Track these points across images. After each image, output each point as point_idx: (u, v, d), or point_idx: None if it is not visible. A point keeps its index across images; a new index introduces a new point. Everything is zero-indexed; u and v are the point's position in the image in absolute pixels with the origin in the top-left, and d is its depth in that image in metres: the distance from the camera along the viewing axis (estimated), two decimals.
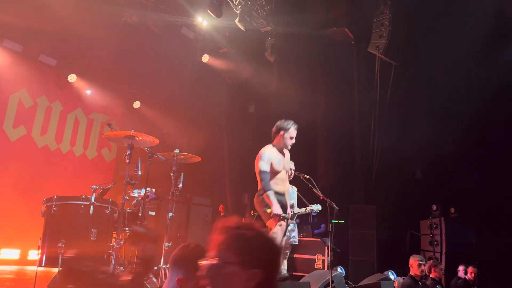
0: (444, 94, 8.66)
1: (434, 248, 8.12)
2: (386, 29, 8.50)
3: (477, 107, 8.19)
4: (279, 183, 4.91)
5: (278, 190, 4.85)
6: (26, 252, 9.08)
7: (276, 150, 5.08)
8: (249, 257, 1.47)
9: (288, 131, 5.10)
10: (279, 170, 4.90)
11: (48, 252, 4.19)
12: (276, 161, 4.90)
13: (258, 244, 1.53)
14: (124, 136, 4.38)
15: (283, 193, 4.95)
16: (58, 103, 10.22)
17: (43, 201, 4.41)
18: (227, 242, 1.51)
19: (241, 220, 1.56)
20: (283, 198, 4.94)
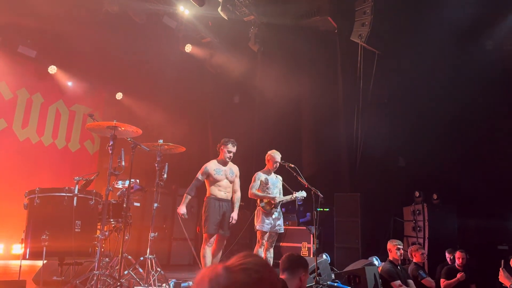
0: (427, 82, 8.78)
1: (417, 234, 8.29)
2: (368, 17, 8.53)
3: (459, 94, 8.32)
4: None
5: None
6: (10, 246, 8.96)
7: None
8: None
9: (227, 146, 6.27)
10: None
11: (32, 245, 4.13)
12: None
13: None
14: (106, 127, 4.32)
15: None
16: (38, 95, 10.03)
17: (26, 194, 4.34)
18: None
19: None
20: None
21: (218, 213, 5.60)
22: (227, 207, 5.77)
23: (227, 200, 5.81)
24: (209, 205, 5.63)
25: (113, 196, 4.73)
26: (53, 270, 4.74)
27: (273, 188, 5.98)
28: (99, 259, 4.10)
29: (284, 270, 2.93)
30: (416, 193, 8.55)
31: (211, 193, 5.75)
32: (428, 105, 8.74)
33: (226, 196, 5.82)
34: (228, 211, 5.77)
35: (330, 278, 6.24)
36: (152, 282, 4.47)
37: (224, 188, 5.83)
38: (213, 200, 5.67)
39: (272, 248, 5.91)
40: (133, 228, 5.24)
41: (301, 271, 2.89)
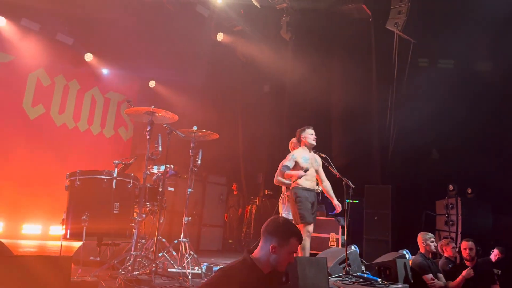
0: (464, 72, 8.51)
1: (449, 228, 8.11)
2: (405, 5, 8.30)
3: (497, 85, 8.03)
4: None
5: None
6: (48, 227, 9.34)
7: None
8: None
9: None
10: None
11: (72, 225, 4.29)
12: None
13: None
14: (144, 112, 4.42)
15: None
16: (75, 82, 10.32)
17: (67, 176, 4.49)
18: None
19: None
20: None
21: (309, 201, 5.25)
22: (314, 197, 5.43)
23: (313, 190, 5.44)
24: (300, 195, 5.23)
25: (149, 180, 4.84)
26: (90, 250, 4.90)
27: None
28: (136, 241, 4.22)
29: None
30: (450, 186, 8.35)
31: (297, 183, 5.31)
32: (464, 96, 8.47)
33: (312, 186, 5.42)
34: (315, 201, 5.44)
35: (360, 269, 6.21)
36: (185, 265, 4.56)
37: (311, 177, 5.41)
38: (301, 190, 5.27)
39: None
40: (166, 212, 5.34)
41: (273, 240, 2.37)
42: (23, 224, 9.02)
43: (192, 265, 4.72)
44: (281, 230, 2.39)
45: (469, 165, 8.36)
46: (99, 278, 3.87)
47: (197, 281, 4.47)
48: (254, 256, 2.39)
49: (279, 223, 2.44)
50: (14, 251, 3.31)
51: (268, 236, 2.39)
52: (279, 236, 2.36)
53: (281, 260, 2.36)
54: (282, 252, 2.35)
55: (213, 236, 10.18)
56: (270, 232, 2.40)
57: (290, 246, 2.36)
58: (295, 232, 2.41)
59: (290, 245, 2.36)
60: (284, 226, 2.42)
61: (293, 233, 2.39)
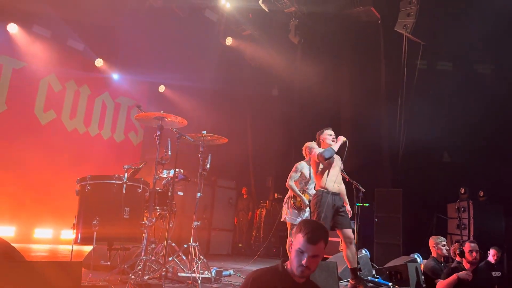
0: (474, 74, 8.44)
1: (461, 231, 8.02)
2: (414, 7, 8.27)
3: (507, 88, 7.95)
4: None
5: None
6: (59, 231, 9.42)
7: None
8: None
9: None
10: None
11: (83, 230, 4.33)
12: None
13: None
14: (154, 117, 4.45)
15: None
16: (86, 87, 10.43)
17: (77, 180, 4.54)
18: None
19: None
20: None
21: (330, 207, 4.97)
22: (339, 201, 5.12)
23: (338, 194, 5.15)
24: (322, 199, 4.97)
25: (158, 185, 4.86)
26: (101, 255, 4.93)
27: (311, 182, 5.81)
28: (146, 245, 4.24)
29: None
30: (462, 189, 8.26)
31: (322, 186, 5.09)
32: (475, 97, 8.39)
33: (338, 190, 5.17)
34: (339, 206, 5.11)
35: (371, 273, 6.17)
36: (195, 269, 4.57)
37: (336, 178, 5.19)
38: (325, 194, 5.02)
39: None
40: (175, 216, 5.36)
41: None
42: (34, 229, 9.10)
43: (202, 269, 4.72)
44: (296, 226, 2.23)
45: (481, 168, 8.28)
46: (109, 283, 3.89)
47: (207, 285, 4.47)
48: (288, 265, 2.20)
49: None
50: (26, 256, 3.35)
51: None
52: (293, 231, 2.21)
53: (292, 258, 2.15)
54: (292, 249, 2.16)
55: (222, 240, 10.18)
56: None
57: (296, 241, 2.14)
58: (305, 226, 2.16)
59: (296, 239, 2.15)
60: (300, 222, 2.25)
61: (302, 227, 2.16)
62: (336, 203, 4.98)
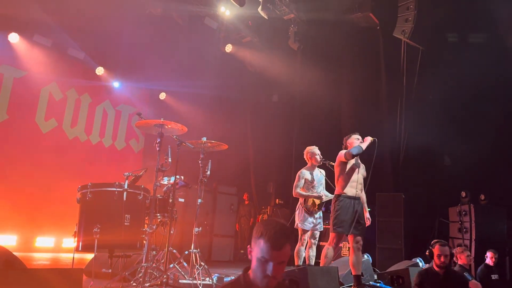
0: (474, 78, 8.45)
1: (463, 235, 8.00)
2: (411, 13, 8.34)
3: (505, 91, 7.97)
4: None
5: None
6: (61, 240, 9.42)
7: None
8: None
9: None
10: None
11: (84, 238, 4.34)
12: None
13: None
14: (154, 125, 4.48)
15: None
16: (86, 95, 10.49)
17: (78, 188, 4.56)
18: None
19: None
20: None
21: (350, 211, 4.97)
22: (358, 205, 5.12)
23: (358, 198, 5.16)
24: (340, 204, 5.01)
25: (159, 191, 4.88)
26: (102, 262, 4.93)
27: (318, 185, 5.85)
28: (147, 252, 4.25)
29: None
30: (463, 193, 8.25)
31: (341, 190, 5.10)
32: (475, 101, 8.40)
33: (357, 194, 5.16)
34: (358, 210, 5.11)
35: (373, 278, 6.16)
36: (196, 276, 4.57)
37: (356, 184, 5.19)
38: (343, 198, 5.06)
39: (315, 246, 5.85)
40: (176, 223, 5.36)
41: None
42: (36, 237, 9.11)
43: (203, 276, 4.72)
44: (255, 229, 1.87)
45: (482, 171, 8.26)
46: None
47: None
48: (250, 275, 1.89)
49: (260, 222, 1.94)
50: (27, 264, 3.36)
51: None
52: (252, 236, 1.87)
53: (254, 267, 1.83)
54: (253, 256, 1.83)
55: (224, 247, 10.17)
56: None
57: (258, 247, 1.80)
58: (266, 230, 1.81)
59: (258, 246, 1.80)
60: (260, 224, 1.87)
61: (263, 231, 1.81)
62: (357, 208, 4.97)
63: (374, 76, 9.56)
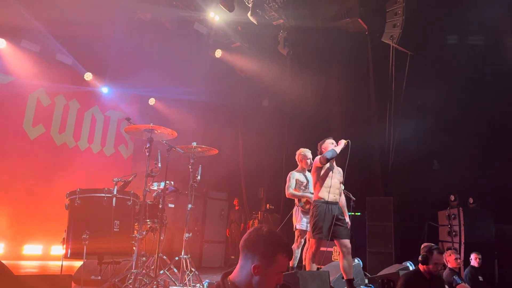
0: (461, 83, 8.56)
1: (452, 238, 8.06)
2: (399, 18, 8.44)
3: (494, 95, 8.08)
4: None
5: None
6: (49, 247, 9.28)
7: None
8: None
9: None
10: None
11: (73, 244, 4.28)
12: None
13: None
14: (143, 130, 4.45)
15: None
16: (75, 101, 10.39)
17: (67, 194, 4.50)
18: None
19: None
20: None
21: (328, 216, 4.97)
22: (338, 210, 5.14)
23: (336, 203, 5.19)
24: (318, 209, 5.03)
25: (149, 197, 4.84)
26: (91, 269, 4.87)
27: (310, 185, 5.86)
28: (137, 259, 4.20)
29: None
30: (452, 197, 8.32)
31: (319, 196, 5.12)
32: (464, 105, 8.51)
33: (335, 199, 5.20)
34: (338, 214, 5.10)
35: (364, 282, 6.16)
36: (186, 282, 4.53)
37: (334, 189, 5.21)
38: (321, 203, 5.06)
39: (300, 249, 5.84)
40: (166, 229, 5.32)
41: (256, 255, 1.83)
42: (24, 245, 8.96)
43: (194, 282, 4.68)
44: (264, 244, 1.81)
45: (470, 175, 8.35)
46: None
47: None
48: (232, 280, 1.85)
49: (262, 235, 1.84)
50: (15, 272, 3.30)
51: (249, 254, 1.83)
52: (261, 252, 1.80)
53: (267, 283, 1.80)
54: (267, 273, 1.79)
55: (215, 253, 10.11)
56: (252, 248, 1.83)
57: (277, 264, 1.79)
58: (282, 245, 1.82)
59: (277, 263, 1.79)
60: (268, 238, 1.82)
61: (280, 247, 1.81)
62: (334, 212, 4.96)
63: (363, 81, 9.64)
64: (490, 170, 8.25)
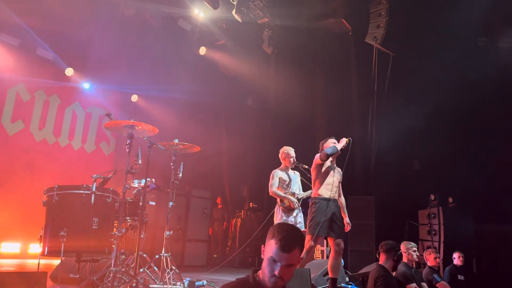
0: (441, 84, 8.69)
1: (432, 237, 8.19)
2: (383, 19, 8.51)
3: (473, 97, 8.22)
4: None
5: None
6: (27, 245, 9.10)
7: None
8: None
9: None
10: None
11: (50, 242, 4.19)
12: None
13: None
14: (123, 126, 4.39)
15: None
16: (55, 97, 10.21)
17: (44, 191, 4.41)
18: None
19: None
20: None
21: (325, 213, 4.99)
22: (335, 208, 5.17)
23: (335, 200, 5.23)
24: (316, 206, 5.05)
25: (129, 194, 4.78)
26: (70, 268, 4.79)
27: (293, 184, 5.88)
28: (116, 257, 4.15)
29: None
30: (432, 196, 8.46)
31: (318, 193, 5.15)
32: (445, 107, 8.64)
33: (333, 197, 5.22)
34: (336, 212, 5.18)
35: (344, 280, 6.20)
36: (167, 280, 4.49)
37: (333, 187, 5.24)
38: (319, 200, 5.10)
39: None
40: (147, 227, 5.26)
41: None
42: (1, 243, 8.77)
43: (174, 280, 4.65)
44: (270, 230, 1.98)
45: (450, 175, 8.49)
46: None
47: None
48: (260, 274, 1.95)
49: (274, 225, 2.01)
50: None
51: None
52: (266, 236, 1.96)
53: (263, 266, 1.91)
54: (264, 256, 1.93)
55: (197, 251, 10.04)
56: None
57: (268, 248, 1.90)
58: (277, 233, 1.90)
59: (268, 247, 1.91)
60: (273, 227, 1.98)
61: (274, 234, 1.90)
62: (333, 210, 4.99)
63: (346, 80, 9.71)
64: (469, 170, 8.40)
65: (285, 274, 1.87)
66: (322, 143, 5.44)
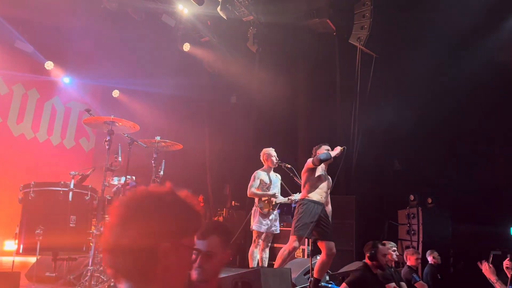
0: (423, 86, 8.82)
1: (411, 237, 8.31)
2: (367, 20, 8.56)
3: (456, 99, 8.36)
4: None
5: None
6: (2, 242, 8.87)
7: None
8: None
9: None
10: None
11: (25, 240, 4.09)
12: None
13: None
14: (103, 122, 4.31)
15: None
16: (34, 91, 9.96)
17: (21, 187, 4.30)
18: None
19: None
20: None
21: (312, 215, 5.10)
22: (322, 211, 5.32)
23: (322, 204, 5.39)
24: (304, 208, 5.16)
25: (108, 192, 4.69)
26: (46, 266, 4.69)
27: (273, 187, 5.90)
28: (94, 255, 4.07)
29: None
30: (411, 196, 8.59)
31: (307, 195, 5.28)
32: (425, 109, 8.77)
33: (322, 200, 5.40)
34: (322, 215, 5.32)
35: (324, 279, 6.24)
36: None
37: (322, 191, 5.43)
38: (308, 202, 5.22)
39: (268, 249, 5.89)
40: None
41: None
42: None
43: None
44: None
45: (430, 176, 8.63)
46: None
47: None
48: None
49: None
50: None
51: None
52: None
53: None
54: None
55: None
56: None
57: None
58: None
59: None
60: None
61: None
62: (320, 213, 5.06)
63: (329, 80, 9.75)
64: (448, 171, 8.56)
65: (204, 263, 1.89)
66: (315, 149, 5.54)
